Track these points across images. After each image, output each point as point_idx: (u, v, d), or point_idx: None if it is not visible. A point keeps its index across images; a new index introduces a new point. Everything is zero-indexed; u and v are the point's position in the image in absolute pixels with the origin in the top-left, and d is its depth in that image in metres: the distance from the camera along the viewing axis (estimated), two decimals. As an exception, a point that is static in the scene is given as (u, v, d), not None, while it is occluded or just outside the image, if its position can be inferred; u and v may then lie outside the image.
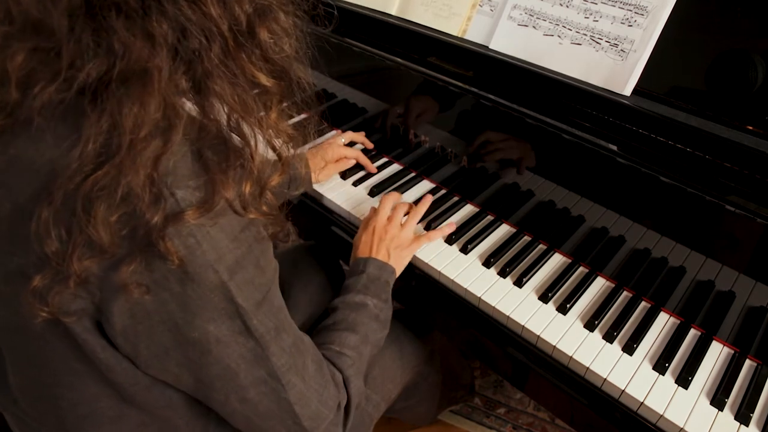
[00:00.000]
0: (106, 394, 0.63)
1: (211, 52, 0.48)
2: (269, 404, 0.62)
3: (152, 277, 0.51)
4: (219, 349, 0.56)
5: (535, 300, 0.91)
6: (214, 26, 0.48)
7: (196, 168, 0.51)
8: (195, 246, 0.51)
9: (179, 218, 0.49)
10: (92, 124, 0.47)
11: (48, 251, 0.49)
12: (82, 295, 0.52)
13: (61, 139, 0.49)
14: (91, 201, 0.47)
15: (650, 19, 0.87)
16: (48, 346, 0.59)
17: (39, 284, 0.50)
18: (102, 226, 0.47)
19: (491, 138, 1.03)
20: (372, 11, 1.17)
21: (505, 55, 1.00)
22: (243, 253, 0.55)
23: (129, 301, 0.52)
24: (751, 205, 0.77)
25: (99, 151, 0.47)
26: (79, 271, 0.49)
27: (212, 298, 0.53)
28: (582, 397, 0.83)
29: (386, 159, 1.22)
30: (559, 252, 1.01)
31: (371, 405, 0.96)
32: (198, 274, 0.52)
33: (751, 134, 0.79)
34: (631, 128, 0.87)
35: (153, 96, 0.46)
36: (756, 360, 0.83)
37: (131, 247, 0.49)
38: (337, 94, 1.29)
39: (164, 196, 0.49)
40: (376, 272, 0.88)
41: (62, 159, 0.48)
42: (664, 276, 0.89)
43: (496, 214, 1.07)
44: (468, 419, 1.47)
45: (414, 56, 1.10)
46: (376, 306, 0.84)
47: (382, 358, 1.01)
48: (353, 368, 0.74)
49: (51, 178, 0.48)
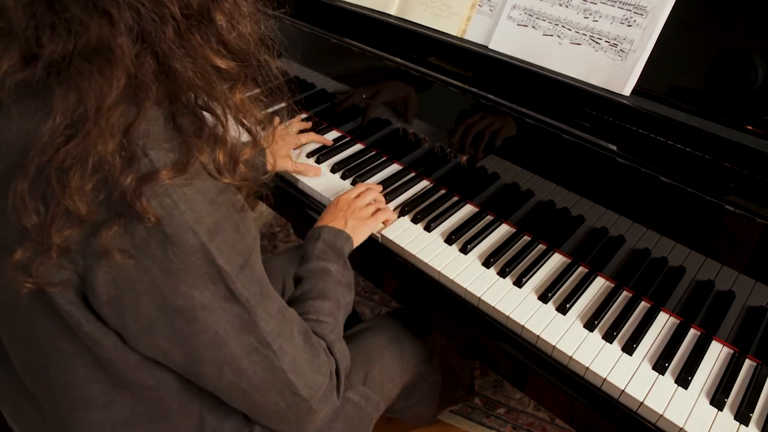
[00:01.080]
0: (96, 377, 0.63)
1: (165, 34, 0.50)
2: (264, 375, 0.62)
3: (133, 242, 0.51)
4: (205, 315, 0.56)
5: (534, 300, 0.91)
6: (166, 9, 0.49)
7: (169, 132, 0.53)
8: (172, 206, 0.51)
9: (154, 177, 0.50)
10: (60, 99, 0.48)
11: (27, 224, 0.50)
12: (65, 266, 0.53)
13: (31, 116, 0.50)
14: (65, 171, 0.48)
15: (650, 19, 0.87)
16: (36, 324, 0.59)
17: (21, 257, 0.51)
18: (77, 195, 0.48)
19: (491, 138, 1.03)
20: (372, 11, 1.17)
21: (505, 55, 1.00)
22: (222, 216, 0.55)
23: (112, 268, 0.52)
24: (751, 205, 0.77)
25: (68, 124, 0.48)
26: (60, 241, 0.50)
27: (194, 261, 0.53)
28: (582, 397, 0.83)
29: (385, 158, 1.22)
30: (559, 252, 1.01)
31: (371, 405, 0.97)
32: (177, 235, 0.52)
33: (750, 134, 0.79)
34: (631, 128, 0.87)
35: (117, 69, 0.48)
36: (756, 360, 0.83)
37: (109, 212, 0.50)
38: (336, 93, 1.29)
39: (138, 157, 0.50)
40: (330, 238, 0.90)
41: (33, 134, 0.49)
42: (663, 276, 0.89)
43: (496, 214, 1.07)
44: (468, 419, 1.47)
45: (413, 56, 1.10)
46: (338, 271, 0.85)
47: (382, 357, 1.02)
48: (334, 333, 0.76)
49: (24, 153, 0.49)
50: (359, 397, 0.95)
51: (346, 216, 0.97)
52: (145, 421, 0.69)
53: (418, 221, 1.05)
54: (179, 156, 0.52)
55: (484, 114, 1.01)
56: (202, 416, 0.74)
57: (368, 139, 1.26)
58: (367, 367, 0.98)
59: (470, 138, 1.06)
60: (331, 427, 0.89)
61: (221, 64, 0.54)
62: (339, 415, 0.91)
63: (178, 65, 0.51)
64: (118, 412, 0.66)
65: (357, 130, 1.27)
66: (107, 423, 0.67)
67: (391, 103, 1.18)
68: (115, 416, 0.67)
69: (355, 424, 0.93)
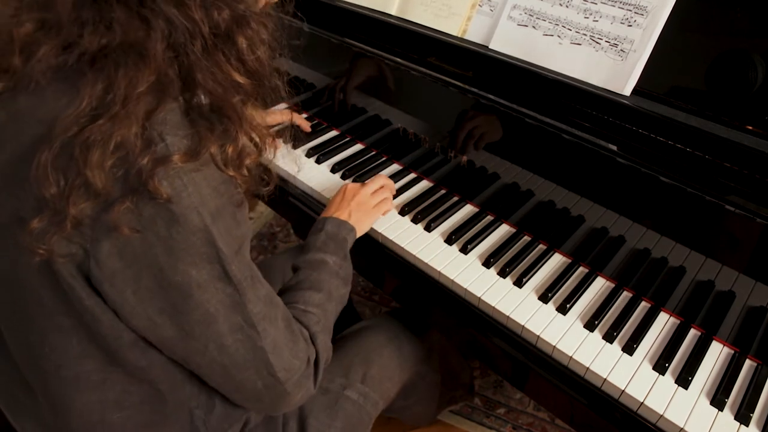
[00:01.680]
0: (90, 354, 0.65)
1: (194, 47, 0.57)
2: (246, 353, 0.65)
3: (141, 219, 0.55)
4: (200, 293, 0.60)
5: (535, 300, 0.91)
6: (197, 26, 0.56)
7: (185, 123, 0.58)
8: (181, 188, 0.56)
9: (168, 161, 0.55)
10: (89, 85, 0.53)
11: (46, 194, 0.54)
12: (74, 240, 0.56)
13: (60, 96, 0.55)
14: (88, 147, 0.52)
15: (650, 19, 0.87)
16: (36, 299, 0.62)
17: (36, 226, 0.55)
18: (97, 169, 0.52)
19: (491, 138, 1.03)
20: (372, 11, 1.17)
21: (505, 55, 1.00)
22: (223, 204, 0.60)
23: (119, 242, 0.56)
24: (751, 205, 0.77)
25: (94, 107, 0.53)
26: (75, 213, 0.54)
27: (195, 241, 0.58)
28: (582, 397, 0.83)
29: (385, 158, 1.22)
30: (559, 252, 1.01)
31: (370, 403, 0.97)
32: (183, 215, 0.56)
33: (751, 134, 0.79)
34: (631, 128, 0.87)
35: (148, 66, 0.54)
36: (756, 360, 0.83)
37: (123, 188, 0.54)
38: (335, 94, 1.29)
39: (155, 141, 0.55)
40: (334, 229, 0.92)
41: (61, 112, 0.54)
42: (664, 276, 0.89)
43: (496, 214, 1.07)
44: (468, 419, 1.47)
45: (414, 56, 1.10)
46: (335, 263, 0.87)
47: (381, 356, 1.02)
48: (319, 325, 0.78)
49: (50, 128, 0.54)
50: (358, 395, 0.95)
51: (350, 206, 0.98)
52: (138, 403, 0.70)
53: (418, 221, 1.05)
54: (192, 144, 0.57)
55: (485, 114, 1.01)
56: (190, 408, 0.75)
57: (368, 139, 1.26)
58: (366, 365, 0.99)
59: (470, 138, 1.06)
60: (330, 425, 0.90)
61: (239, 80, 0.61)
62: (338, 413, 0.91)
63: (200, 75, 0.58)
64: (110, 393, 0.68)
65: (357, 130, 1.27)
66: (99, 405, 0.69)
67: (390, 103, 1.18)
68: (107, 397, 0.69)
69: (354, 423, 0.93)
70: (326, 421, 0.90)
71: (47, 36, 0.54)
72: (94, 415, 0.69)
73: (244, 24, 0.61)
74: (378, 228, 1.04)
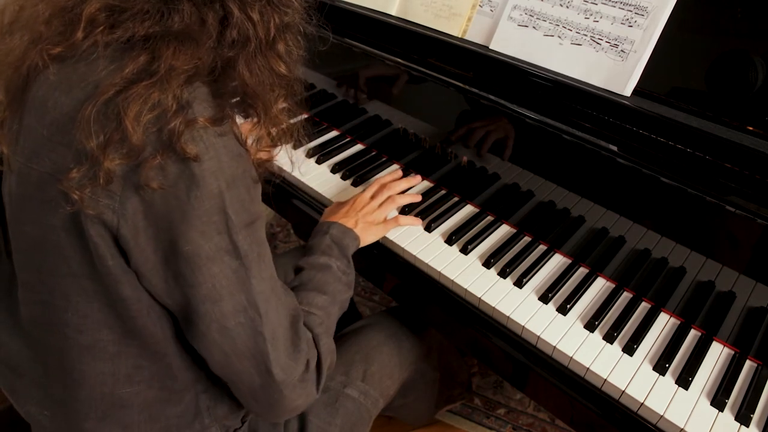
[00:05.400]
0: (109, 324, 0.67)
1: (247, 46, 0.63)
2: (246, 339, 0.66)
3: (166, 180, 0.59)
4: (208, 266, 0.62)
5: (535, 300, 0.91)
6: (250, 27, 0.63)
7: (210, 97, 0.63)
8: (204, 150, 0.59)
9: (194, 122, 0.59)
10: (136, 55, 0.59)
11: (87, 146, 0.58)
12: (103, 200, 0.60)
13: (108, 65, 0.60)
14: (128, 103, 0.57)
15: (650, 20, 0.87)
16: (63, 260, 0.65)
17: (75, 176, 0.59)
18: (135, 122, 0.57)
19: (491, 139, 1.03)
20: (372, 11, 1.17)
21: (505, 55, 1.00)
22: (239, 174, 0.63)
23: (145, 200, 0.60)
24: (752, 206, 0.77)
25: (137, 72, 0.59)
26: (110, 166, 0.58)
27: (208, 207, 0.61)
28: (582, 398, 0.83)
29: (385, 158, 1.22)
30: (560, 252, 1.01)
31: (370, 401, 0.97)
32: (203, 178, 0.59)
33: (751, 135, 0.79)
34: (632, 129, 0.87)
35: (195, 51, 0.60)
36: (756, 361, 0.83)
37: (156, 145, 0.58)
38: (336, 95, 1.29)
39: (185, 106, 0.59)
40: (339, 235, 0.92)
41: (106, 78, 0.59)
42: (664, 276, 0.89)
43: (496, 215, 1.07)
44: (468, 420, 1.47)
45: (414, 56, 1.10)
46: (339, 268, 0.87)
47: (380, 354, 1.02)
48: (322, 327, 0.78)
49: (95, 90, 0.59)
50: (358, 393, 0.95)
51: (357, 216, 0.98)
52: (148, 378, 0.72)
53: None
54: (215, 113, 0.62)
55: (485, 114, 1.01)
56: (197, 392, 0.76)
57: (369, 139, 1.26)
58: (366, 363, 0.99)
59: (471, 138, 1.06)
60: (330, 423, 0.90)
61: (283, 70, 0.67)
62: (338, 411, 0.92)
63: (241, 67, 0.64)
64: (122, 366, 0.70)
65: (357, 130, 1.27)
66: (111, 378, 0.70)
67: (391, 104, 1.18)
68: (119, 370, 0.70)
69: (354, 421, 0.94)
70: (327, 419, 0.90)
71: (108, 17, 0.60)
72: (105, 387, 0.70)
73: (289, 29, 0.68)
74: (378, 228, 1.04)
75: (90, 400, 0.71)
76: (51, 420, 0.76)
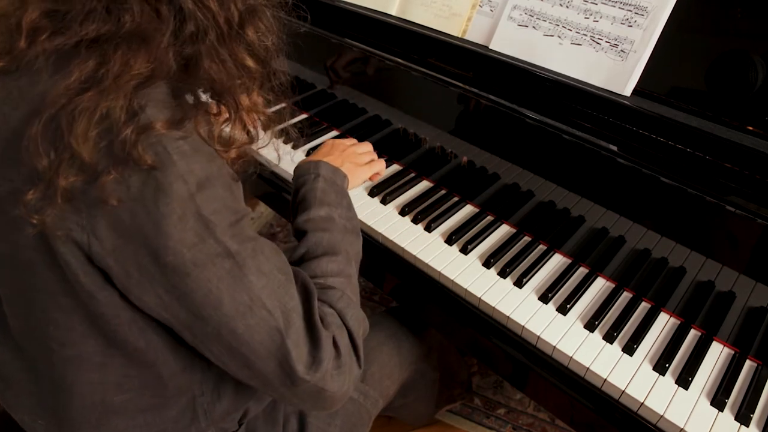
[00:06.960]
0: (91, 335, 0.64)
1: (207, 37, 0.58)
2: (262, 339, 0.61)
3: (130, 191, 0.55)
4: (197, 272, 0.58)
5: (535, 300, 0.91)
6: (211, 17, 0.58)
7: (168, 98, 0.59)
8: (165, 156, 0.55)
9: (149, 128, 0.55)
10: (81, 63, 0.55)
11: (38, 166, 0.54)
12: (69, 216, 0.56)
13: (54, 74, 0.56)
14: (74, 117, 0.53)
15: (650, 20, 0.87)
16: (36, 277, 0.62)
17: (31, 198, 0.55)
18: (82, 138, 0.53)
19: (491, 138, 1.03)
20: (372, 11, 1.17)
21: (505, 55, 1.00)
22: (213, 173, 0.59)
23: (111, 217, 0.56)
24: (752, 206, 0.77)
25: (83, 80, 0.54)
26: (65, 185, 0.54)
27: (182, 214, 0.56)
28: (582, 398, 0.83)
29: (385, 158, 1.22)
30: (560, 252, 1.00)
31: (370, 401, 0.97)
32: (169, 184, 0.55)
33: (751, 135, 0.79)
34: (631, 129, 0.87)
35: (148, 53, 0.55)
36: (756, 360, 0.83)
37: (109, 160, 0.54)
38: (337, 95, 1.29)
39: (137, 112, 0.55)
40: (330, 175, 0.85)
41: (52, 88, 0.55)
42: (664, 276, 0.89)
43: (496, 215, 1.07)
44: (468, 420, 1.47)
45: (414, 56, 1.10)
46: (342, 216, 0.81)
47: (380, 354, 1.02)
48: (343, 299, 0.72)
49: (41, 103, 0.55)
50: (358, 393, 0.95)
51: (342, 157, 0.95)
52: (138, 387, 0.69)
53: (418, 222, 1.05)
54: (174, 114, 0.58)
55: (485, 114, 1.01)
56: (193, 395, 0.74)
57: (369, 139, 1.25)
58: (366, 364, 0.98)
59: (471, 138, 1.06)
60: (330, 423, 0.90)
61: (250, 63, 0.63)
62: (338, 412, 0.91)
63: (206, 62, 0.59)
64: (111, 375, 0.67)
65: (357, 130, 1.27)
66: (100, 386, 0.68)
67: (391, 103, 1.18)
68: (108, 379, 0.67)
69: (354, 421, 0.94)
70: (326, 419, 0.90)
71: (51, 22, 0.56)
72: (95, 396, 0.68)
73: (256, 13, 0.63)
74: (378, 228, 1.04)
75: (82, 409, 0.69)
76: (46, 429, 0.75)
